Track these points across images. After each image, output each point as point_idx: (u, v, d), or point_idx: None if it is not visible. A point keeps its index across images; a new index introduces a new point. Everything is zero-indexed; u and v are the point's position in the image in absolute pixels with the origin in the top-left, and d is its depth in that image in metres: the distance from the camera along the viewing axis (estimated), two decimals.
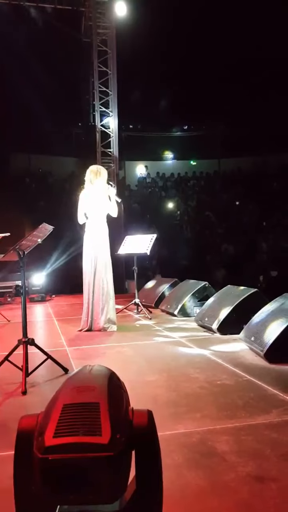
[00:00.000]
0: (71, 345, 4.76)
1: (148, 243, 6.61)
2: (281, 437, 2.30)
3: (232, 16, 14.93)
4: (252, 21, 15.15)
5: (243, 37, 16.03)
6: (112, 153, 11.66)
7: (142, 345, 4.72)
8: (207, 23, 14.92)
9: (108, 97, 11.63)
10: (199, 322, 5.50)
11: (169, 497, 1.64)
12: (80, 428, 1.04)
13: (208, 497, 1.80)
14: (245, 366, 3.66)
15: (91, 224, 5.60)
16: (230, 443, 2.24)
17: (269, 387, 3.08)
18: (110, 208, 5.67)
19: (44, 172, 18.11)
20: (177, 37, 15.29)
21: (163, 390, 3.13)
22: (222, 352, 4.17)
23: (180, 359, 4.06)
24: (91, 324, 5.49)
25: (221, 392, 3.06)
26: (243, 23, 15.41)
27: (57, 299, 9.72)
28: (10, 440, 1.17)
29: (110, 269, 5.60)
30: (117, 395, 1.18)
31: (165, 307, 6.84)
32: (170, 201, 17.58)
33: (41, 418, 1.12)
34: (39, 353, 3.59)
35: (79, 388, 1.15)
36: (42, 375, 3.53)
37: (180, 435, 2.36)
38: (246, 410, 2.68)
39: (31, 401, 3.02)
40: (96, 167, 5.78)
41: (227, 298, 5.21)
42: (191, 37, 14.83)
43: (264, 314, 4.16)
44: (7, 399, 3.11)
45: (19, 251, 3.37)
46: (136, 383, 3.22)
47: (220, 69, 17.04)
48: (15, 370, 3.39)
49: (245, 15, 15.19)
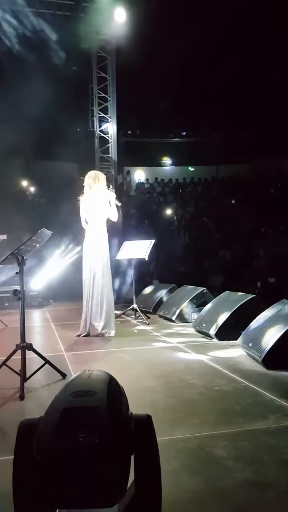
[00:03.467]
0: (69, 350, 4.76)
1: (147, 249, 6.63)
2: (278, 443, 2.30)
3: (231, 22, 15.02)
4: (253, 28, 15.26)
5: (243, 44, 16.14)
6: (110, 159, 11.70)
7: (140, 350, 4.72)
8: (206, 28, 15.00)
9: (107, 103, 11.68)
10: (197, 328, 5.50)
11: (167, 502, 1.64)
12: (80, 432, 1.05)
13: (206, 502, 1.80)
14: (243, 372, 3.66)
15: (90, 229, 5.62)
16: (228, 448, 2.25)
17: (266, 393, 3.08)
18: (110, 212, 5.69)
19: (44, 177, 18.09)
20: (176, 43, 15.36)
21: (161, 396, 3.13)
22: (220, 358, 4.17)
23: (178, 364, 4.06)
24: (89, 329, 5.49)
25: (219, 398, 3.07)
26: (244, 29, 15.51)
27: (55, 305, 9.71)
28: (8, 445, 1.18)
29: (109, 274, 5.60)
30: (117, 400, 1.18)
31: (163, 312, 6.84)
32: (168, 207, 17.60)
33: (41, 422, 1.13)
34: (37, 358, 3.59)
35: (79, 392, 1.16)
36: (40, 380, 3.53)
37: (178, 440, 2.36)
38: (243, 416, 2.69)
39: (29, 406, 3.02)
40: (95, 173, 5.81)
41: (225, 304, 5.23)
42: (190, 43, 14.90)
43: (261, 320, 4.17)
44: (4, 404, 3.10)
45: (18, 256, 3.38)
46: (134, 388, 3.22)
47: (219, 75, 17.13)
48: (13, 375, 3.38)
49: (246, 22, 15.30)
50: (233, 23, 15.04)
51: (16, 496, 1.16)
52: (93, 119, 12.05)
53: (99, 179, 5.67)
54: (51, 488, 1.06)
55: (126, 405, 1.24)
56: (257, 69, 17.16)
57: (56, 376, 3.54)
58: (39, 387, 3.42)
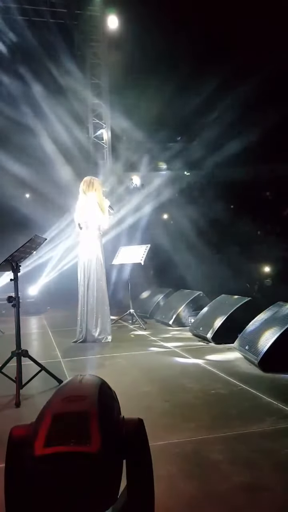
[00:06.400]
0: (65, 356, 4.74)
1: (142, 254, 6.62)
2: (275, 445, 2.30)
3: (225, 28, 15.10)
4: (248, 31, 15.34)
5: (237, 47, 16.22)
6: (105, 164, 11.72)
7: (136, 355, 4.71)
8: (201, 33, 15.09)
9: (101, 109, 11.72)
10: (194, 332, 5.50)
11: (163, 507, 1.63)
12: (70, 438, 1.04)
13: (201, 506, 1.79)
14: (239, 375, 3.66)
15: (85, 235, 5.62)
16: (224, 452, 2.24)
17: (263, 396, 3.08)
18: (102, 219, 5.66)
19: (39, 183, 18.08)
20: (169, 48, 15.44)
21: (158, 400, 3.13)
22: (216, 362, 4.17)
23: (174, 368, 4.05)
24: (85, 335, 5.48)
25: (216, 401, 3.06)
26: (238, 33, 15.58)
27: (52, 311, 9.67)
28: (3, 453, 1.17)
29: (104, 280, 5.60)
30: (108, 404, 1.18)
31: (160, 317, 6.83)
32: (163, 211, 17.62)
33: (31, 428, 1.13)
34: (33, 365, 3.57)
35: (70, 397, 1.15)
36: (36, 387, 3.51)
37: (173, 445, 2.35)
38: (240, 419, 2.68)
39: (25, 413, 3.00)
40: (89, 178, 5.81)
41: (221, 307, 5.23)
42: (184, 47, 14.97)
43: (258, 323, 4.17)
44: (0, 411, 3.09)
45: (12, 262, 3.38)
46: (130, 393, 3.21)
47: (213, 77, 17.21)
48: (8, 382, 3.37)
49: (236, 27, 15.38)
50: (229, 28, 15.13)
51: (8, 503, 1.16)
52: (87, 125, 12.10)
53: (93, 185, 5.67)
54: (42, 494, 1.05)
55: (118, 410, 1.24)
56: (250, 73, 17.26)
57: (53, 383, 3.52)
58: (35, 394, 3.41)
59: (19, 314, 3.48)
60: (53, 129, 11.93)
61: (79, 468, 1.03)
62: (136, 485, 1.16)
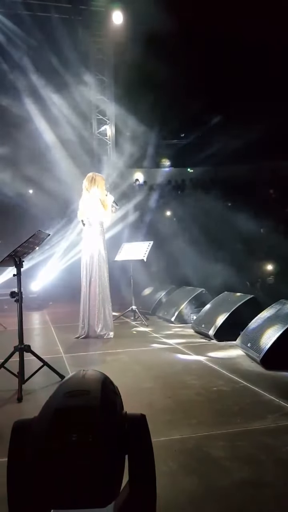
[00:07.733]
0: (67, 352, 4.75)
1: (145, 250, 6.62)
2: (276, 442, 2.30)
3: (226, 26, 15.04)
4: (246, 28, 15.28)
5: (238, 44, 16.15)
6: (109, 160, 11.71)
7: (138, 351, 4.71)
8: (204, 31, 15.03)
9: (104, 105, 11.69)
10: (196, 329, 5.50)
11: (164, 502, 1.64)
12: (73, 432, 1.04)
13: (203, 503, 1.80)
14: (241, 372, 3.66)
15: (87, 231, 5.62)
16: (226, 449, 2.24)
17: (265, 393, 3.08)
18: (104, 215, 5.66)
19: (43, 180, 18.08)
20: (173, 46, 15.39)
21: (159, 397, 3.13)
22: (218, 359, 4.17)
23: (176, 365, 4.06)
24: (88, 331, 5.49)
25: (217, 398, 3.06)
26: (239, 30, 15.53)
27: (55, 306, 9.69)
28: (6, 447, 1.17)
29: (106, 276, 5.60)
30: (111, 399, 1.18)
31: (162, 313, 6.84)
32: (167, 208, 17.61)
33: (34, 422, 1.13)
34: (36, 360, 3.58)
35: (73, 392, 1.15)
36: (38, 382, 3.52)
37: (175, 441, 2.36)
38: (242, 416, 2.68)
39: (27, 408, 3.01)
40: (92, 175, 5.80)
41: (224, 304, 5.22)
42: (188, 45, 14.93)
43: (260, 321, 4.17)
44: (2, 406, 3.10)
45: (15, 257, 3.38)
46: (132, 389, 3.22)
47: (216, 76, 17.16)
48: (11, 377, 3.38)
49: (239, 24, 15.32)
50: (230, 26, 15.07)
51: (10, 496, 1.16)
52: (91, 121, 12.08)
53: (96, 181, 5.67)
54: (44, 488, 1.05)
55: (121, 405, 1.24)
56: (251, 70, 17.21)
57: (55, 378, 3.53)
58: (37, 389, 3.42)
59: (21, 309, 3.49)
60: (56, 124, 11.94)
61: (81, 463, 1.03)
62: (138, 480, 1.16)
